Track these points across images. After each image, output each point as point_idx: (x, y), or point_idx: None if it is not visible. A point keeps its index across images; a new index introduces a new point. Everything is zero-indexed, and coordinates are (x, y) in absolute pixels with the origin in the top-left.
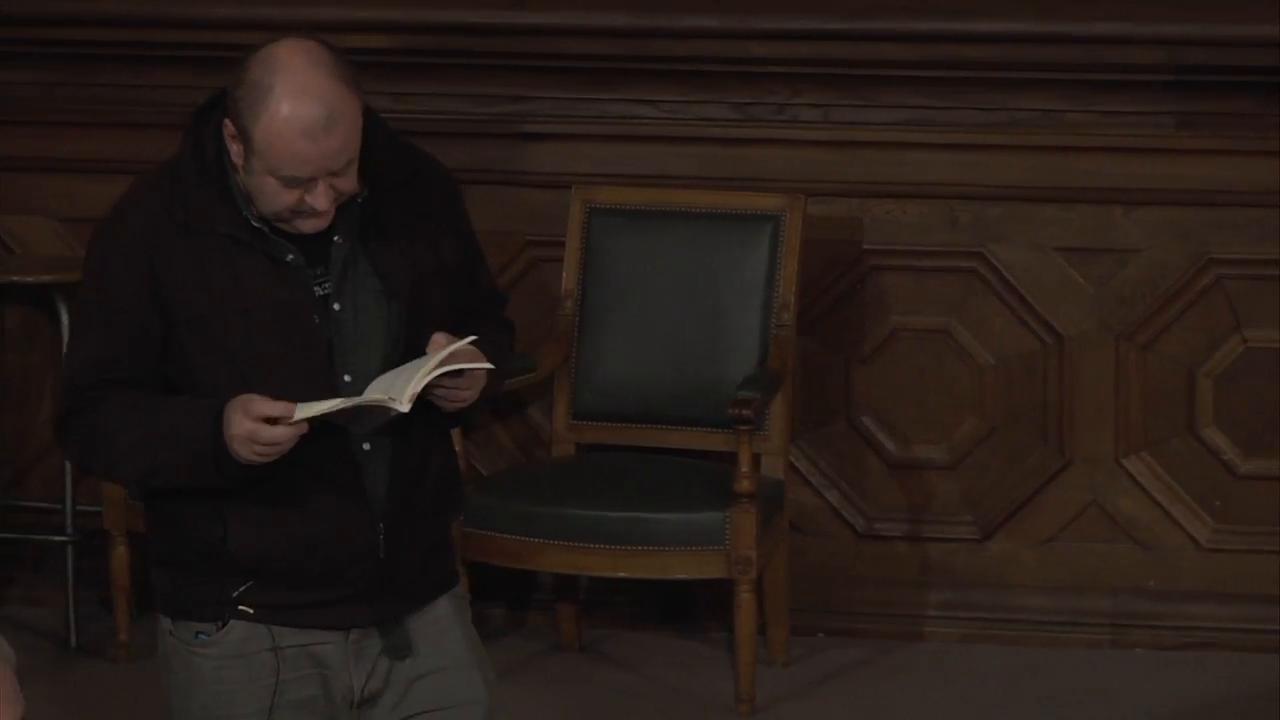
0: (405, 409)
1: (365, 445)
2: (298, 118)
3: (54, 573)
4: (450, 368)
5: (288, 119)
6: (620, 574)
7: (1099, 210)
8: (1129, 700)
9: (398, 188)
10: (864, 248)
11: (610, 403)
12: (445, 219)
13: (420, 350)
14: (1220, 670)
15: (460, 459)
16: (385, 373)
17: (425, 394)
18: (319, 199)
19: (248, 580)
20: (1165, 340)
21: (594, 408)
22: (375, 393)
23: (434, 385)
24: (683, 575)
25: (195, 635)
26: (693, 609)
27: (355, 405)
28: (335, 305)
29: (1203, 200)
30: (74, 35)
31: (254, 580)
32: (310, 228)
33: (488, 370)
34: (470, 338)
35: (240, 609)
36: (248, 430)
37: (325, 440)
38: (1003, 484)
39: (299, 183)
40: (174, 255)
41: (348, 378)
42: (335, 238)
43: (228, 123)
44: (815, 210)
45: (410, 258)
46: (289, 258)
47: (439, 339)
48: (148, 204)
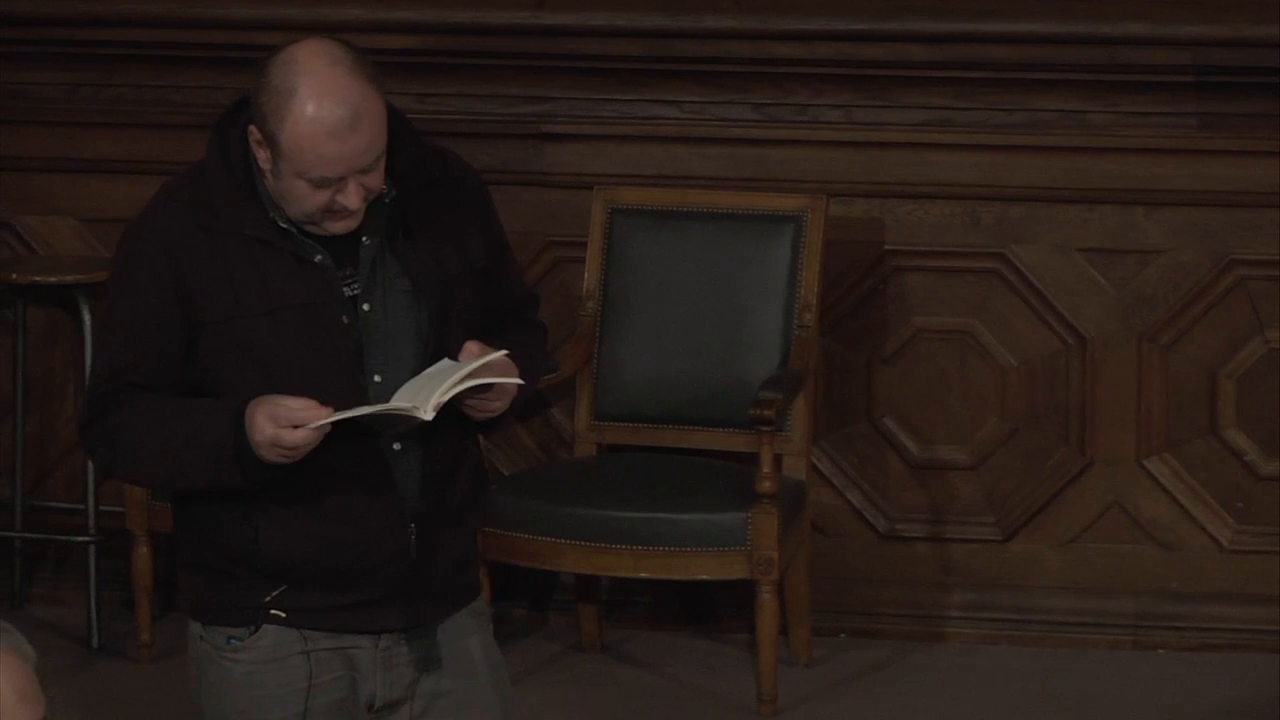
0: (429, 418)
1: (396, 445)
2: (323, 119)
3: (76, 573)
4: (480, 381)
5: (313, 120)
6: (642, 574)
7: (1121, 211)
8: (1151, 701)
9: (425, 188)
10: (886, 248)
11: (632, 403)
12: (474, 219)
13: (450, 352)
14: (1243, 672)
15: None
16: (415, 377)
17: (455, 404)
18: (350, 198)
19: (279, 585)
20: (1187, 341)
21: (616, 408)
22: (401, 400)
23: (464, 397)
24: (704, 576)
25: (227, 640)
26: (714, 610)
27: (380, 412)
28: (364, 306)
29: (1225, 201)
30: (97, 36)
31: (286, 584)
32: (342, 228)
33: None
34: (503, 351)
35: (272, 613)
36: (271, 436)
37: (355, 441)
38: (1024, 485)
39: (329, 183)
40: (200, 258)
41: (377, 378)
42: (363, 238)
43: (253, 129)
44: (837, 211)
45: (439, 258)
46: (317, 258)
47: (471, 348)
48: (174, 208)
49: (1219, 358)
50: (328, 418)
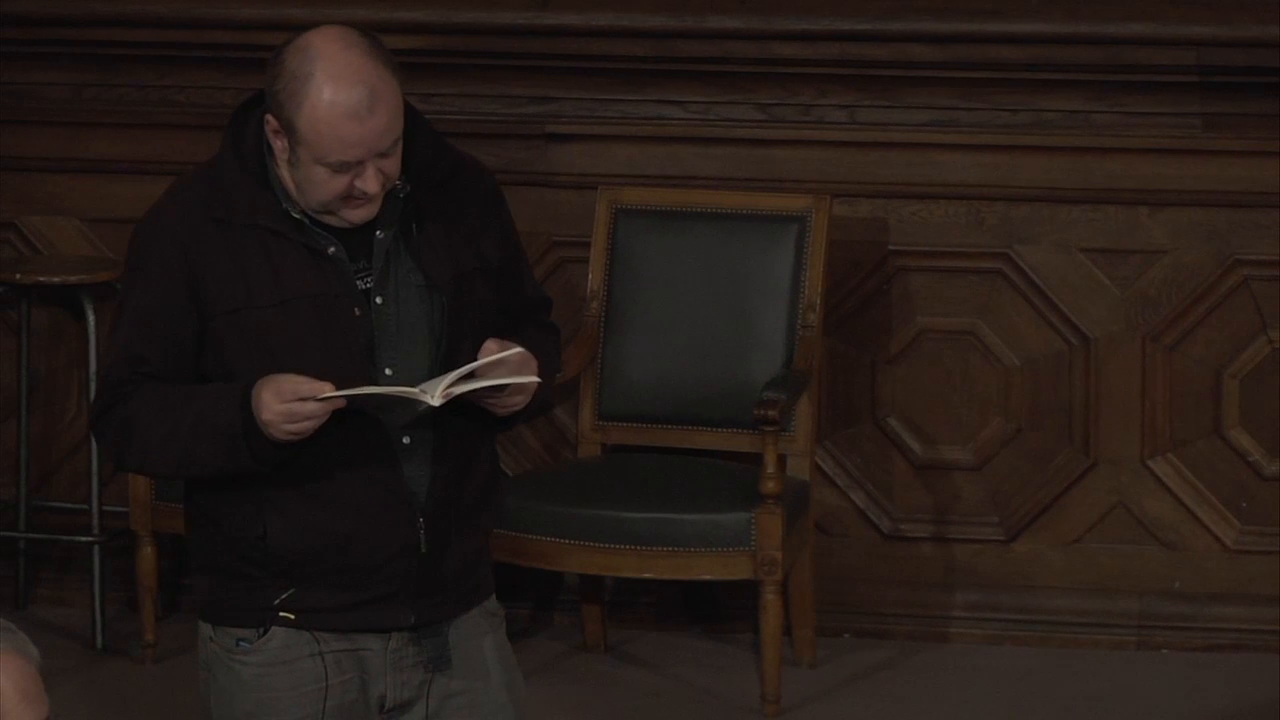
0: (436, 404)
1: (405, 439)
2: (341, 101)
3: (80, 573)
4: (497, 382)
5: (331, 103)
6: (646, 575)
7: (1125, 211)
8: (1155, 702)
9: (440, 184)
10: (890, 248)
11: (636, 404)
12: (488, 217)
13: (461, 347)
14: (1247, 672)
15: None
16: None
17: (475, 400)
18: (369, 182)
19: (289, 584)
20: (1191, 341)
21: (620, 409)
22: (412, 389)
23: (483, 394)
24: (708, 576)
25: (237, 642)
26: (719, 610)
27: (388, 394)
28: (377, 299)
29: (1229, 201)
30: (101, 36)
31: (295, 585)
32: (361, 216)
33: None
34: (519, 349)
35: (282, 615)
36: (280, 411)
37: (365, 434)
38: (1028, 485)
39: (348, 167)
40: (213, 250)
41: (388, 371)
42: (378, 231)
43: (269, 118)
44: (841, 211)
45: (453, 253)
46: (330, 250)
47: (490, 346)
48: (187, 200)
49: (1223, 358)
50: (334, 393)
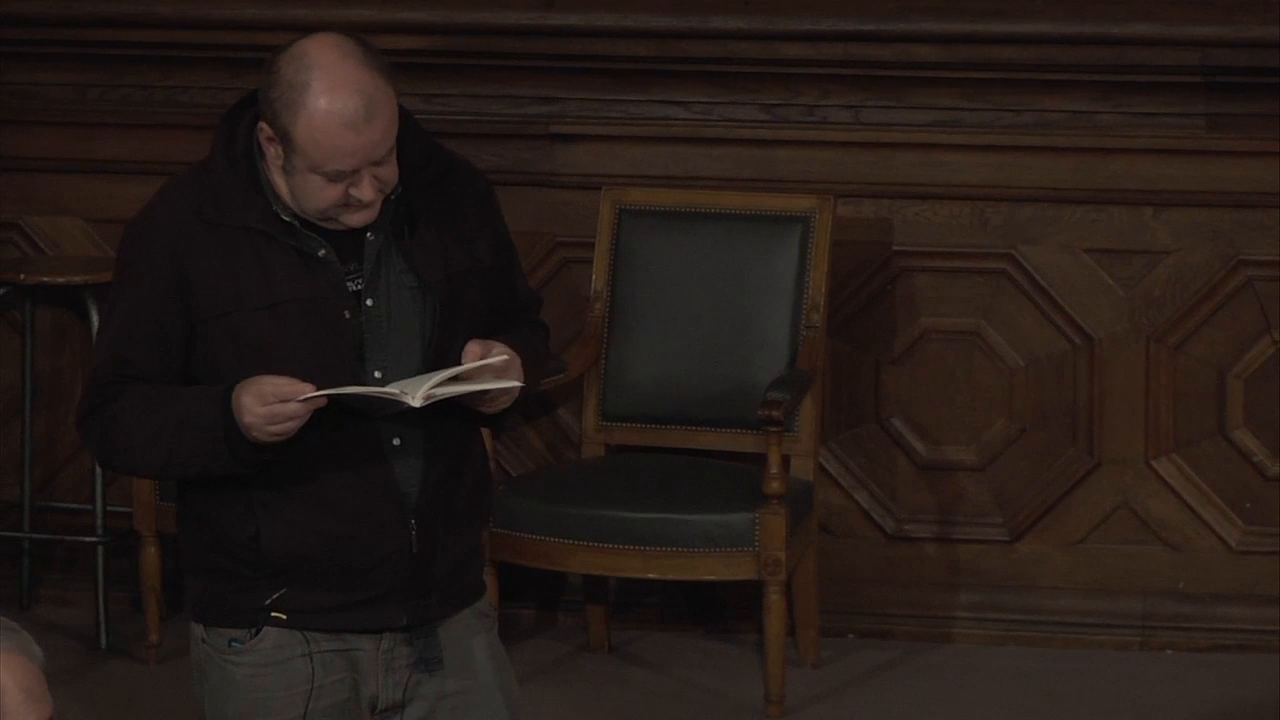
0: (417, 405)
1: (396, 440)
2: (338, 111)
3: (84, 573)
4: (479, 387)
5: (328, 113)
6: (650, 575)
7: (1129, 211)
8: (1159, 703)
9: (430, 185)
10: (894, 249)
11: (640, 404)
12: (480, 218)
13: (453, 349)
14: (1251, 672)
15: (490, 460)
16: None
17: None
18: (365, 190)
19: (280, 585)
20: (1195, 342)
21: (623, 409)
22: (393, 388)
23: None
24: (712, 576)
25: (229, 643)
26: (722, 610)
27: (368, 394)
28: (368, 301)
29: (1233, 202)
30: (105, 36)
31: (287, 586)
32: (358, 221)
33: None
34: (503, 356)
35: (273, 616)
36: (262, 414)
37: (356, 435)
38: (1032, 486)
39: (343, 176)
40: (203, 252)
41: (378, 374)
42: (368, 234)
43: (263, 126)
44: (845, 211)
45: (444, 255)
46: (320, 253)
47: (473, 349)
48: (177, 202)
49: (1227, 358)
50: (314, 393)
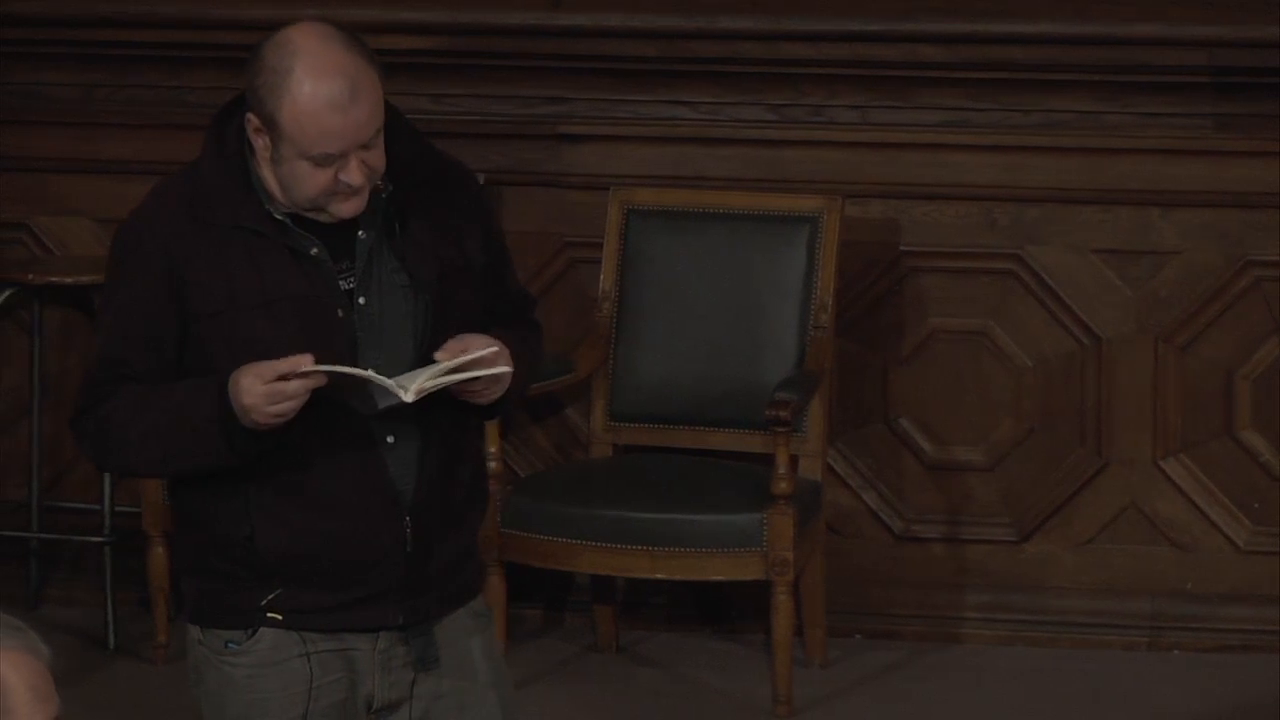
0: (410, 399)
1: (390, 439)
2: (322, 93)
3: (92, 574)
4: (470, 375)
5: (312, 95)
6: (658, 575)
7: (1137, 212)
8: (1167, 703)
9: (421, 183)
10: (902, 249)
11: (648, 404)
12: (470, 216)
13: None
14: (1258, 673)
15: (497, 460)
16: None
17: (451, 393)
18: (353, 174)
19: (276, 585)
20: (1203, 342)
21: (631, 409)
22: (389, 380)
23: (458, 390)
24: (720, 577)
25: (225, 644)
26: (730, 610)
27: (365, 377)
28: (360, 299)
29: (1241, 202)
30: (112, 37)
31: (282, 586)
32: (349, 210)
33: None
34: (493, 348)
35: (269, 616)
36: (262, 393)
37: (350, 434)
38: (1040, 486)
39: (331, 160)
40: (195, 252)
41: (371, 371)
42: (360, 232)
43: (251, 117)
44: (853, 212)
45: (436, 252)
46: (313, 251)
47: (453, 345)
48: (169, 202)
49: (1235, 359)
50: (312, 367)
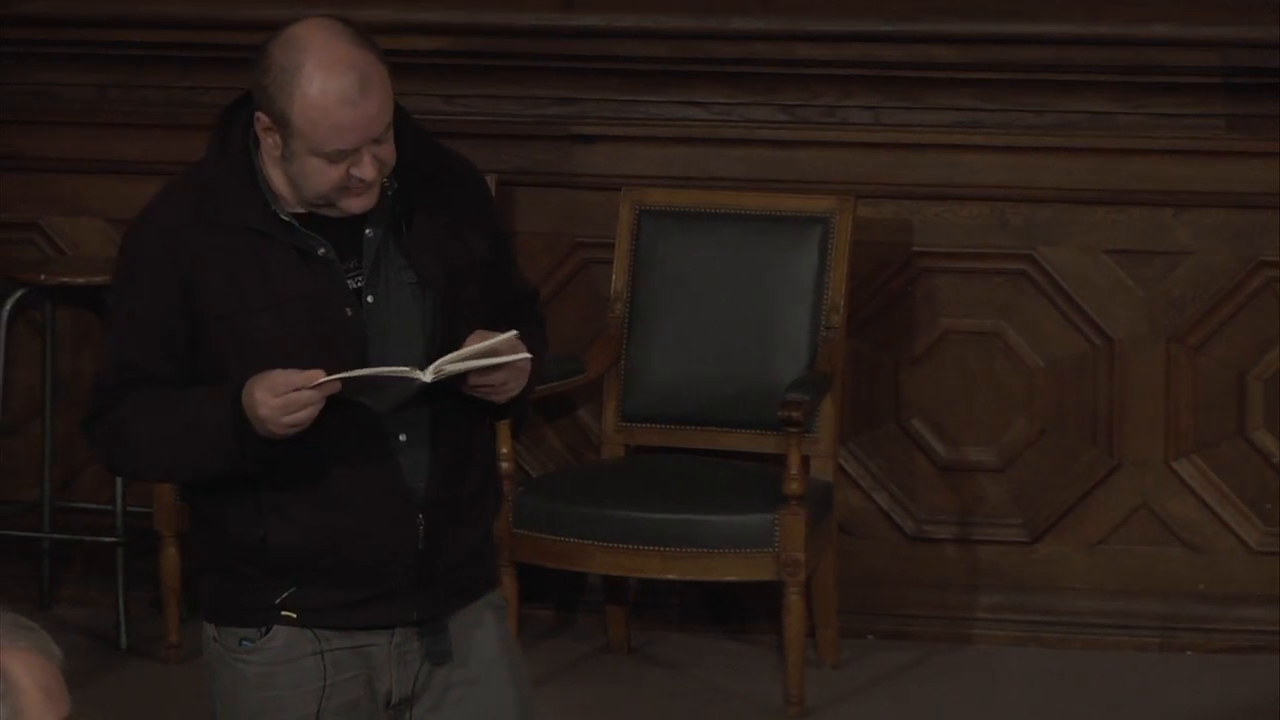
0: (428, 379)
1: (402, 437)
2: (333, 88)
3: (104, 574)
4: (489, 362)
5: (323, 90)
6: (670, 576)
7: (1149, 212)
8: (1179, 703)
9: (426, 181)
10: (914, 250)
11: (659, 405)
12: (475, 213)
13: (454, 344)
14: (1271, 673)
15: (509, 461)
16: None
17: (470, 390)
18: (365, 169)
19: (290, 583)
20: (1216, 343)
21: (643, 410)
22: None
23: (477, 379)
24: (732, 577)
25: (239, 642)
26: (742, 611)
27: (380, 374)
28: (369, 298)
29: (1254, 203)
30: (123, 37)
31: (296, 584)
32: (358, 206)
33: (529, 359)
34: (512, 332)
35: (283, 614)
36: (276, 405)
37: (361, 433)
38: (1052, 486)
39: (344, 155)
40: (202, 253)
41: (385, 367)
42: (366, 230)
43: (260, 115)
44: (865, 212)
45: (443, 250)
46: (320, 251)
47: (478, 334)
48: (175, 204)
49: (1247, 359)
50: (325, 378)
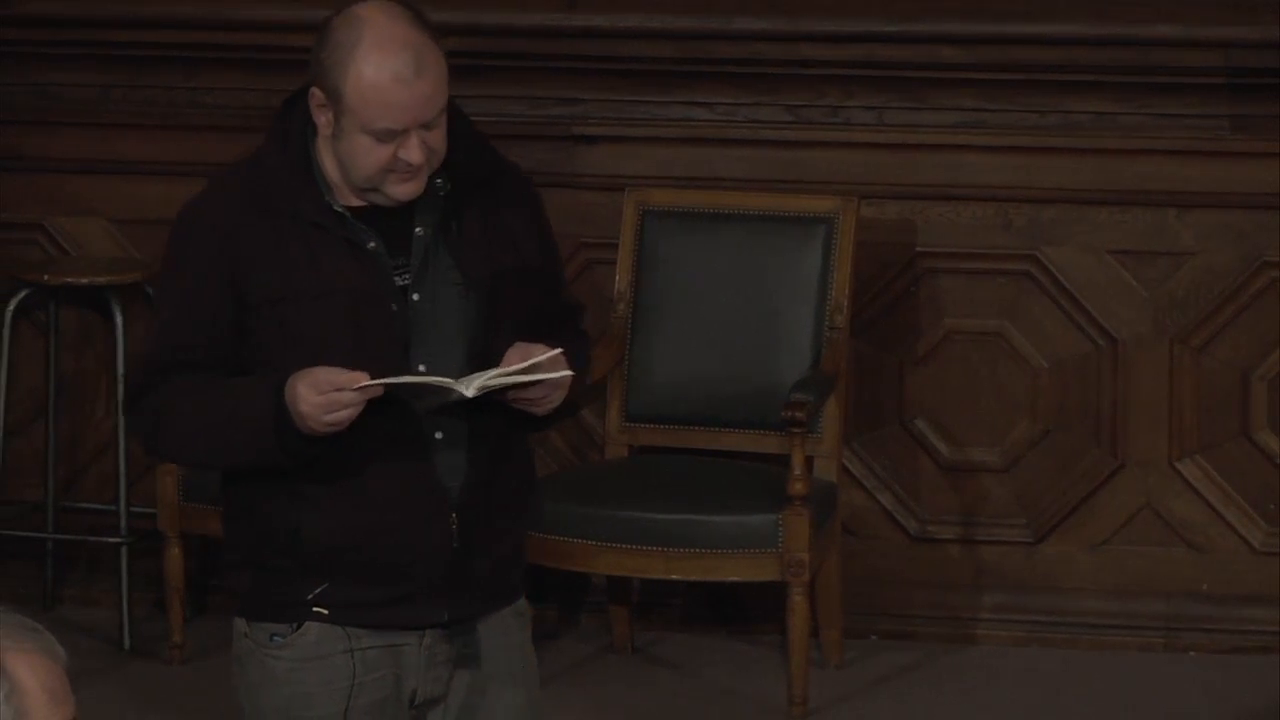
0: (470, 394)
1: (438, 435)
2: (388, 65)
3: (108, 574)
4: (533, 379)
5: (378, 67)
6: (673, 576)
7: (1153, 213)
8: (1182, 704)
9: (480, 184)
10: (917, 250)
11: (663, 405)
12: (527, 221)
13: (497, 348)
14: (1274, 674)
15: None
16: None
17: (509, 400)
18: (412, 152)
19: (322, 580)
20: (1219, 343)
21: (647, 410)
22: (446, 379)
23: (518, 393)
24: (736, 578)
25: (270, 637)
26: (746, 611)
27: (422, 383)
28: (414, 295)
29: (1257, 203)
30: (128, 37)
31: (328, 581)
32: (407, 191)
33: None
34: (557, 350)
35: (315, 610)
36: (318, 403)
37: (398, 429)
38: (1056, 487)
39: (393, 135)
40: (254, 239)
41: (422, 367)
42: (417, 229)
43: (315, 91)
44: (869, 212)
45: (491, 253)
46: (370, 245)
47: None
48: (230, 189)
49: (1251, 360)
50: (369, 382)
